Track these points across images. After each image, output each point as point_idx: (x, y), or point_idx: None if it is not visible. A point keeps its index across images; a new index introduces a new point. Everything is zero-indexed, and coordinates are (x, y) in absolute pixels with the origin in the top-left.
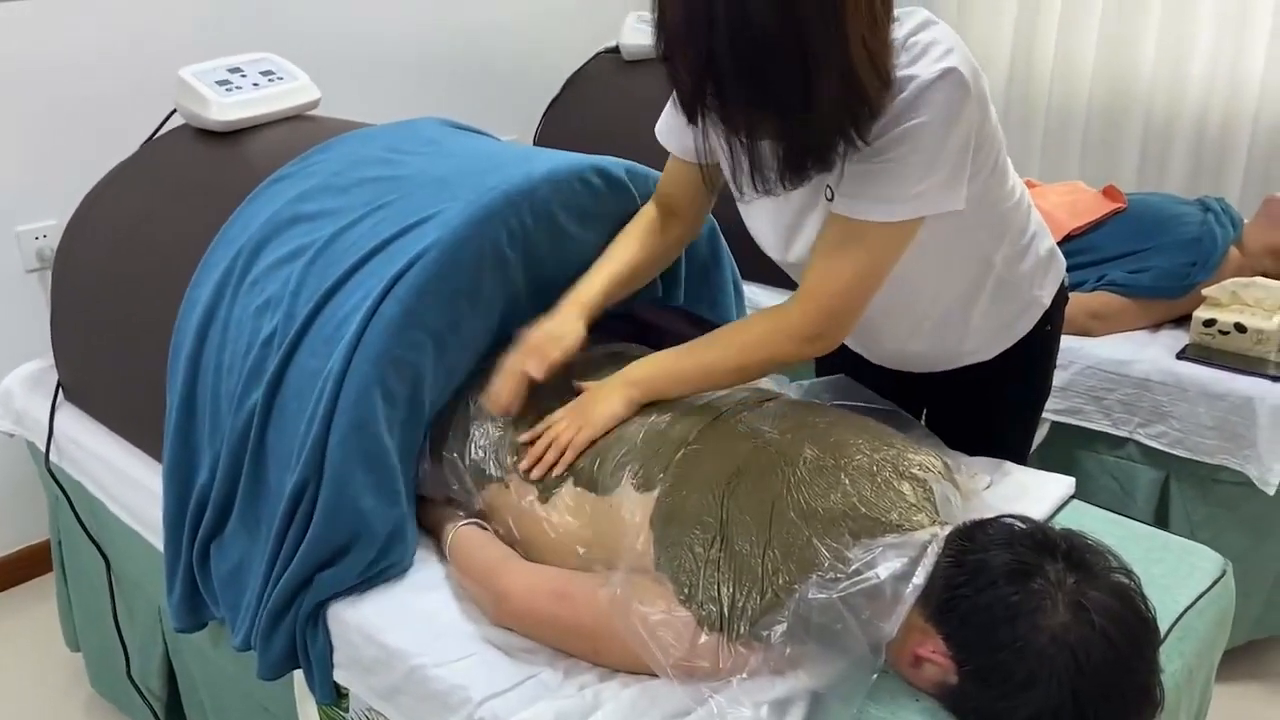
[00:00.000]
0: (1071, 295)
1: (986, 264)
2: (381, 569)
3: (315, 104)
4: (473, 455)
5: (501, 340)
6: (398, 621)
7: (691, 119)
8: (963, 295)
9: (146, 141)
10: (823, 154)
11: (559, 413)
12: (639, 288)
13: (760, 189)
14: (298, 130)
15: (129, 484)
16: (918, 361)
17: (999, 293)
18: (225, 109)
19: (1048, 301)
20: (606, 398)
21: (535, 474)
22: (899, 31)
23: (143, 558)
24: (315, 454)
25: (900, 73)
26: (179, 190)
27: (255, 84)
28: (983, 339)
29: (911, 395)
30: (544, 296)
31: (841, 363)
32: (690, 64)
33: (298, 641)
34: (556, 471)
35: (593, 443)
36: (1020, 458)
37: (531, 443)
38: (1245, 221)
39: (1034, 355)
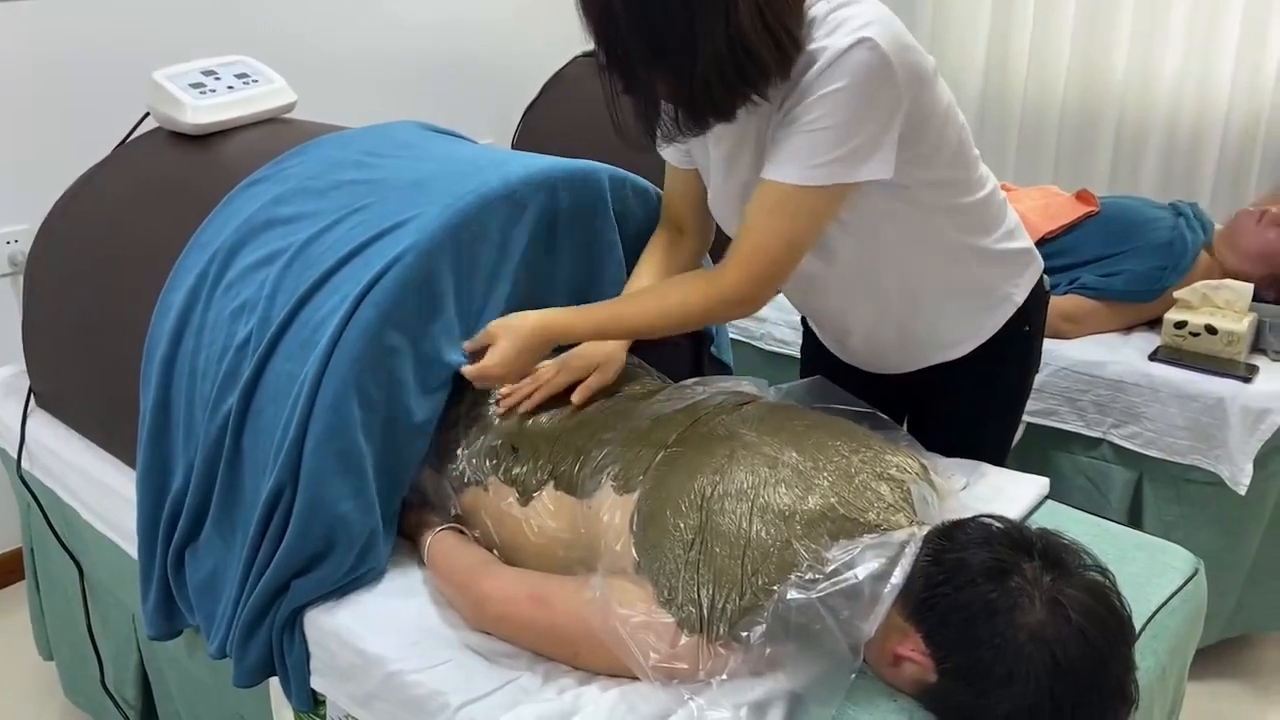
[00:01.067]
0: None
1: (952, 253)
2: (359, 574)
3: (291, 107)
4: (450, 460)
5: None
6: (375, 627)
7: (610, 84)
8: (928, 284)
9: (120, 145)
10: (718, 108)
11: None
12: None
13: (664, 139)
14: (273, 133)
15: (102, 491)
16: (890, 358)
17: (968, 286)
18: (199, 112)
19: (1020, 299)
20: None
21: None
22: (820, 7)
23: (116, 565)
24: (291, 459)
25: (816, 44)
26: (152, 194)
27: (230, 87)
28: (952, 334)
29: (891, 400)
30: (528, 302)
31: (822, 369)
32: (594, 24)
33: (274, 648)
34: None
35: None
36: (998, 460)
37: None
38: (1216, 226)
39: (1010, 355)
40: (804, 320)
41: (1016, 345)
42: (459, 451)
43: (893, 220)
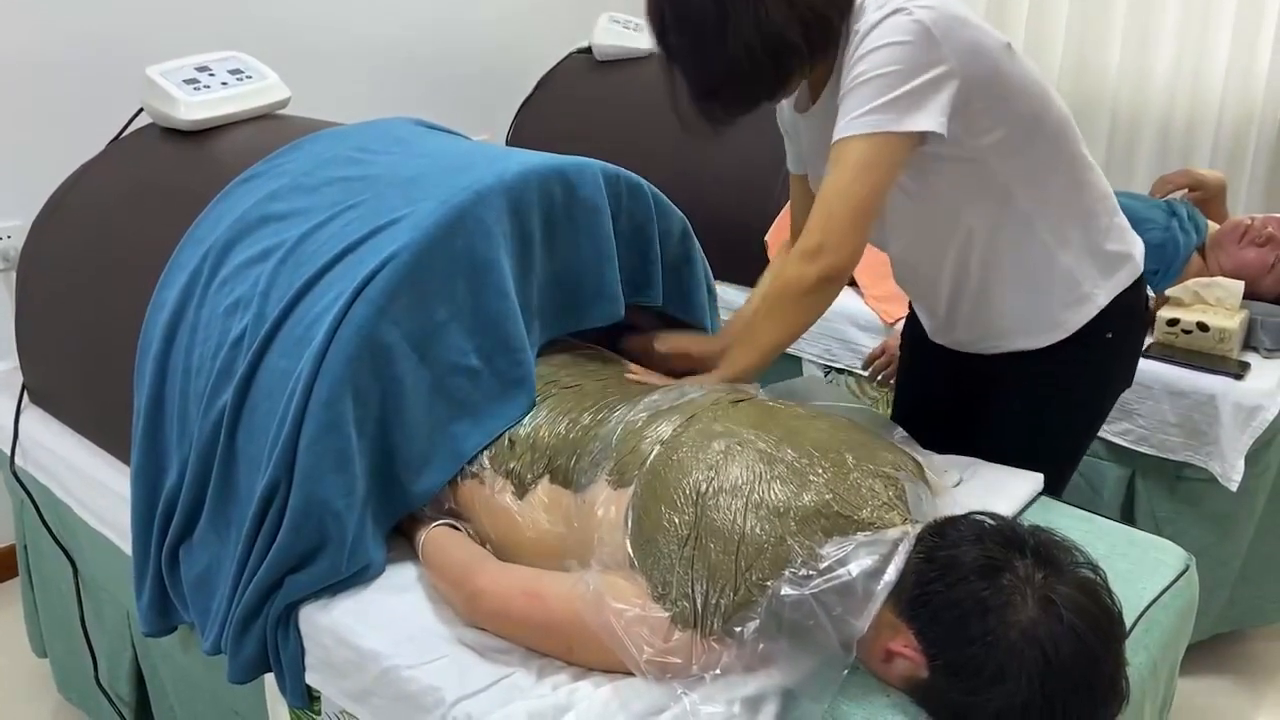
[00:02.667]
0: None
1: (1031, 237)
2: (354, 571)
3: (285, 103)
4: None
5: (497, 340)
6: (370, 623)
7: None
8: (1003, 262)
9: (113, 141)
10: (756, 89)
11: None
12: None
13: (718, 123)
14: (267, 130)
15: (96, 487)
16: (968, 335)
17: (1046, 275)
18: (193, 108)
19: (1103, 302)
20: (701, 377)
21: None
22: None
23: (110, 562)
24: (286, 455)
25: (859, 23)
26: (146, 190)
27: (224, 83)
28: (1026, 321)
29: (970, 385)
30: (524, 298)
31: (917, 346)
32: (649, 21)
33: (269, 644)
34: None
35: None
36: (1063, 468)
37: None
38: (1209, 225)
39: (1087, 359)
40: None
41: (1095, 350)
42: None
43: (969, 194)
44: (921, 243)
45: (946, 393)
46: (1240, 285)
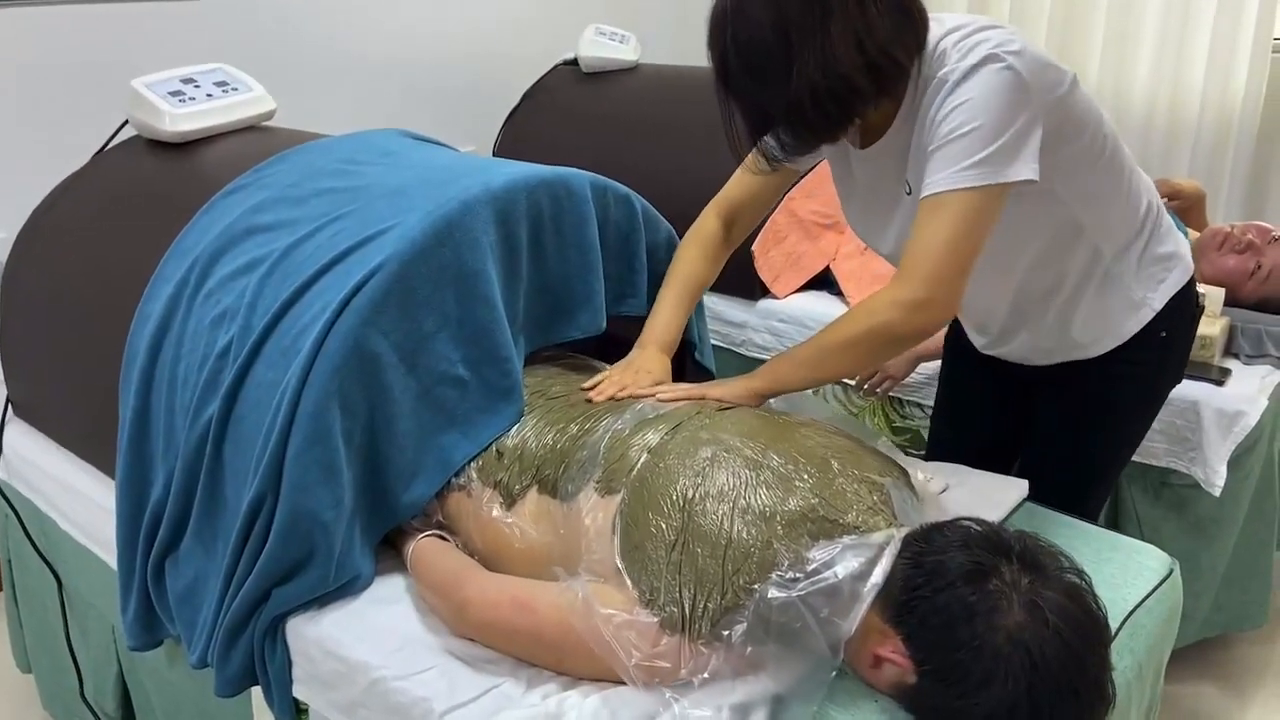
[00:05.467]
0: None
1: (1093, 258)
2: (341, 583)
3: (270, 115)
4: None
5: (485, 350)
6: (358, 635)
7: (726, 110)
8: (1065, 285)
9: (98, 153)
10: (817, 131)
11: (677, 386)
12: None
13: (773, 160)
14: (252, 141)
15: (81, 501)
16: (1024, 352)
17: (1105, 290)
18: (178, 120)
19: (1158, 305)
20: (730, 385)
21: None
22: (950, 39)
23: (95, 576)
24: (272, 467)
25: (947, 68)
26: (131, 202)
27: (209, 95)
28: (1085, 335)
29: (1021, 391)
30: (511, 309)
31: (963, 358)
32: (711, 52)
33: (255, 657)
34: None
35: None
36: (1112, 472)
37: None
38: (1190, 234)
39: (1142, 359)
40: None
41: (1150, 350)
42: None
43: (1035, 224)
44: (983, 270)
45: (992, 401)
46: (1221, 292)
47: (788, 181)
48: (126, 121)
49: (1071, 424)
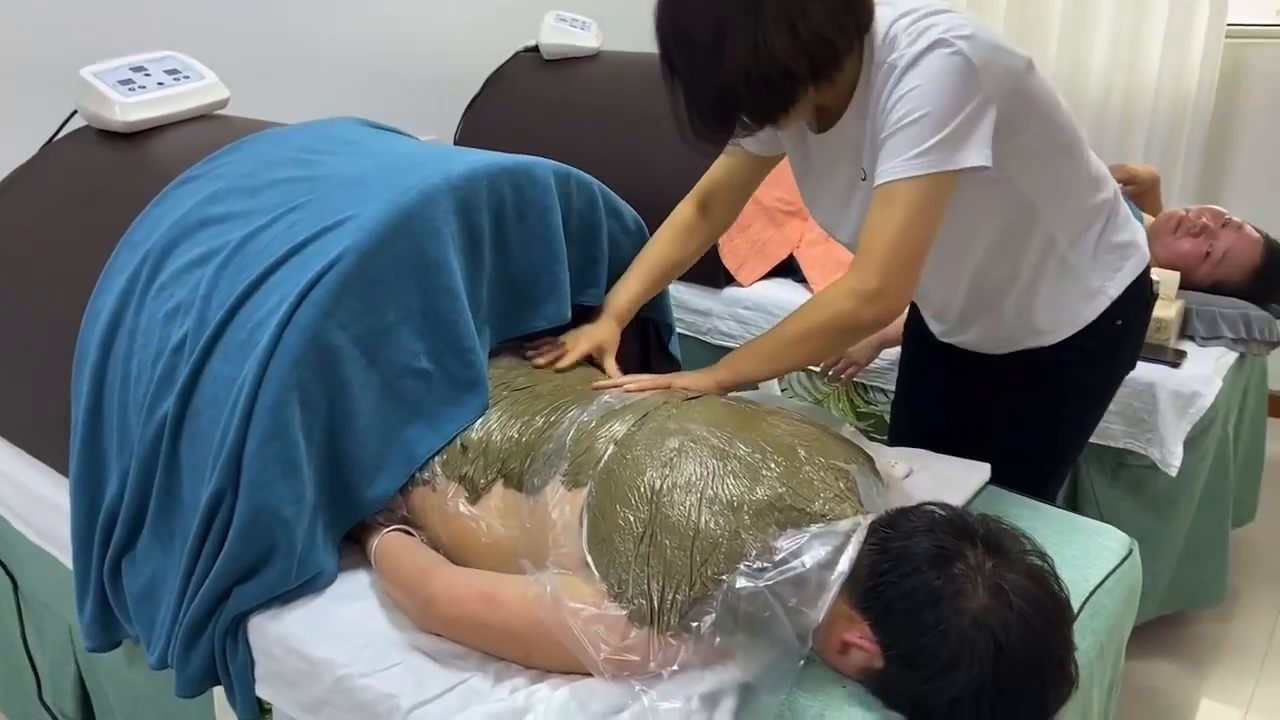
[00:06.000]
0: None
1: (1049, 245)
2: (304, 580)
3: (224, 103)
4: None
5: (448, 342)
6: (322, 632)
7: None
8: (1022, 272)
9: (46, 144)
10: (753, 113)
11: (643, 376)
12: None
13: (713, 141)
14: (205, 130)
15: (34, 500)
16: (981, 340)
17: (1062, 277)
18: (128, 109)
19: (1115, 293)
20: (694, 377)
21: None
22: (900, 24)
23: (51, 576)
24: (231, 463)
25: (896, 54)
26: (81, 194)
27: (160, 83)
28: (1043, 322)
29: (981, 380)
30: (474, 298)
31: (922, 346)
32: (656, 33)
33: (216, 657)
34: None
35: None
36: (1072, 455)
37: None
38: (1145, 218)
39: (1098, 347)
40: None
41: (1106, 337)
42: None
43: (989, 211)
44: (939, 257)
45: (949, 387)
46: (1176, 276)
47: (761, 166)
48: (75, 111)
49: (1028, 411)
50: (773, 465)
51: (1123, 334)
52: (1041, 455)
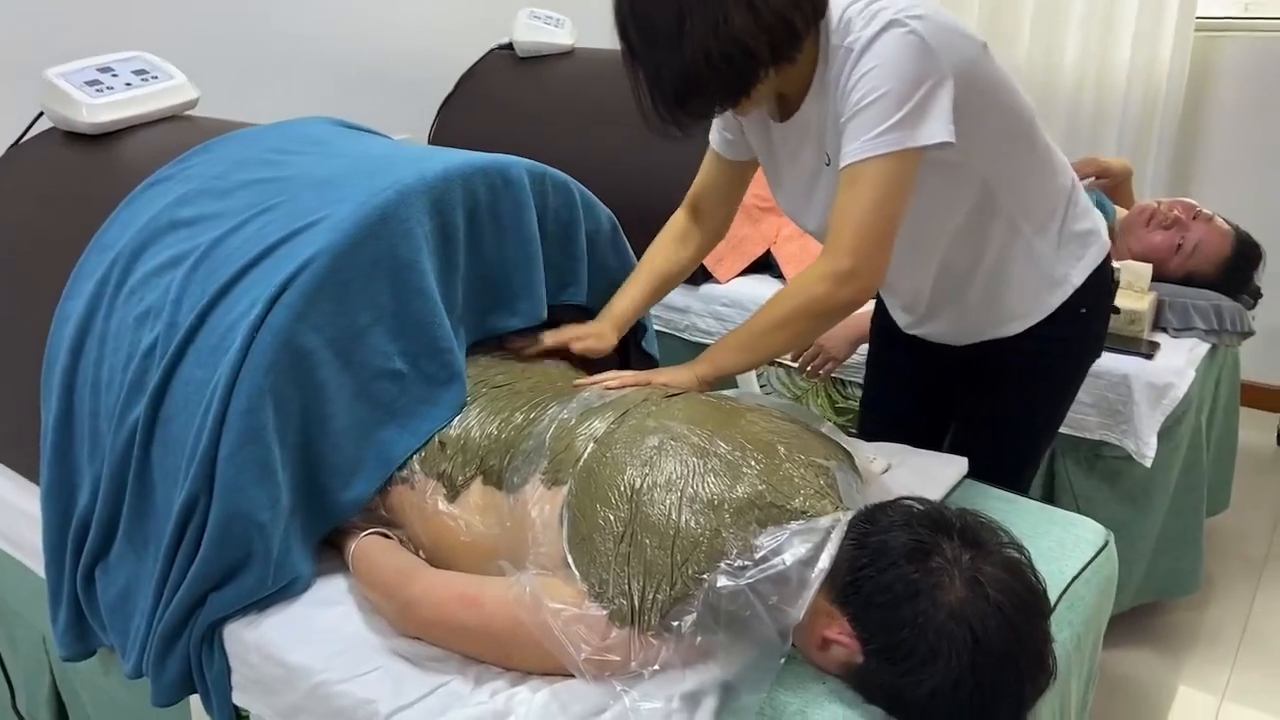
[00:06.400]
0: None
1: (1012, 231)
2: (280, 585)
3: (193, 104)
4: None
5: (423, 343)
6: (299, 638)
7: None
8: (986, 259)
9: (12, 147)
10: (712, 96)
11: (623, 373)
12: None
13: (669, 120)
14: (174, 131)
15: (4, 509)
16: (948, 330)
17: (1026, 265)
18: (96, 110)
19: (1079, 281)
20: (674, 373)
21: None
22: (854, 8)
23: (23, 585)
24: (204, 468)
25: (852, 37)
26: (47, 198)
27: (128, 84)
28: (1008, 310)
29: (948, 374)
30: (448, 299)
31: (888, 340)
32: (615, 15)
33: (193, 664)
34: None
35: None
36: (1042, 446)
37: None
38: (1117, 210)
39: (1064, 335)
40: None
41: (1071, 326)
42: None
43: (952, 198)
44: (906, 248)
45: (918, 381)
46: (1148, 268)
47: (738, 171)
48: (42, 114)
49: (997, 402)
50: (753, 463)
51: (1088, 322)
52: (1013, 446)
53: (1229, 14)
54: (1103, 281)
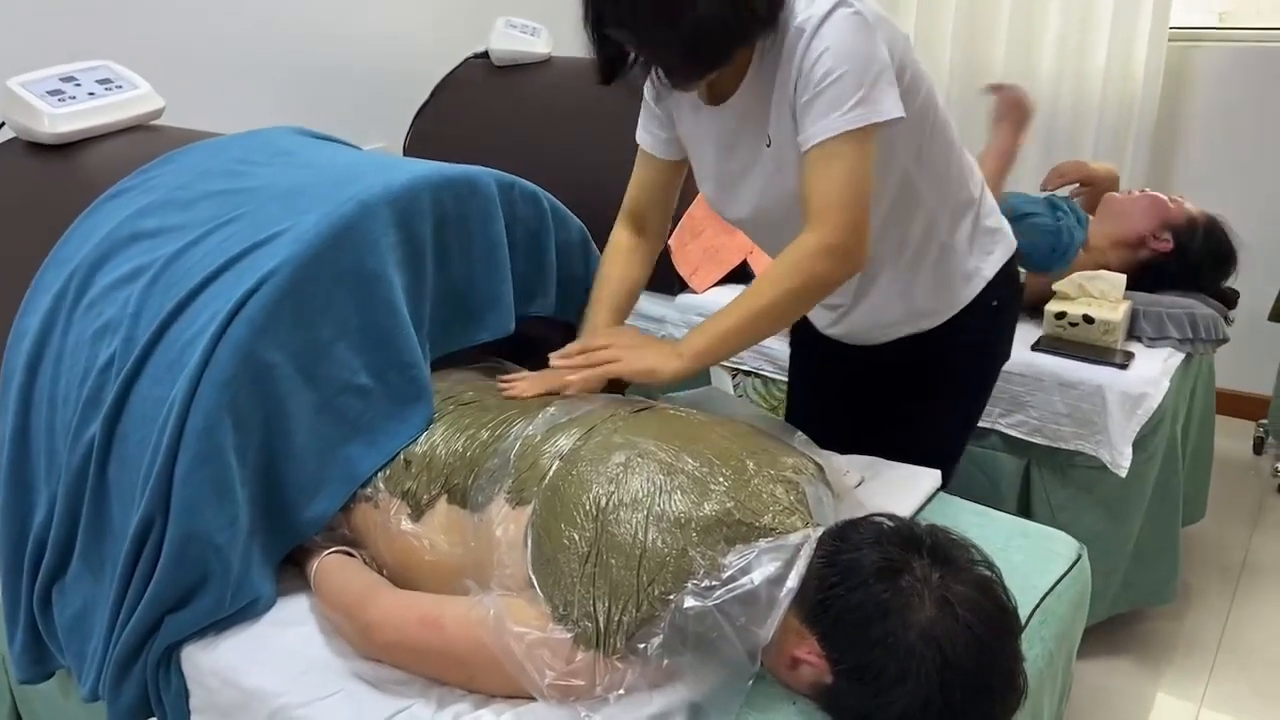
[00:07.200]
0: None
1: (929, 225)
2: (239, 607)
3: (158, 114)
4: None
5: (389, 357)
6: (257, 661)
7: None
8: (903, 253)
9: None
10: (715, 57)
11: (610, 332)
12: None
13: (669, 86)
14: (138, 142)
15: None
16: (863, 328)
17: (939, 258)
18: (58, 120)
19: (990, 274)
20: (655, 346)
21: (559, 363)
22: None
23: None
24: (160, 487)
25: (800, 18)
26: (7, 209)
27: (91, 93)
28: (922, 304)
29: (868, 376)
30: (416, 313)
31: (806, 343)
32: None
33: (150, 688)
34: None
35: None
36: (960, 442)
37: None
38: (1090, 218)
39: (976, 328)
40: None
41: (983, 318)
42: None
43: (879, 186)
44: None
45: (837, 386)
46: (1122, 278)
47: (674, 171)
48: (3, 124)
49: (915, 401)
50: (721, 479)
51: (999, 314)
52: (934, 444)
53: (1201, 24)
54: (1012, 278)
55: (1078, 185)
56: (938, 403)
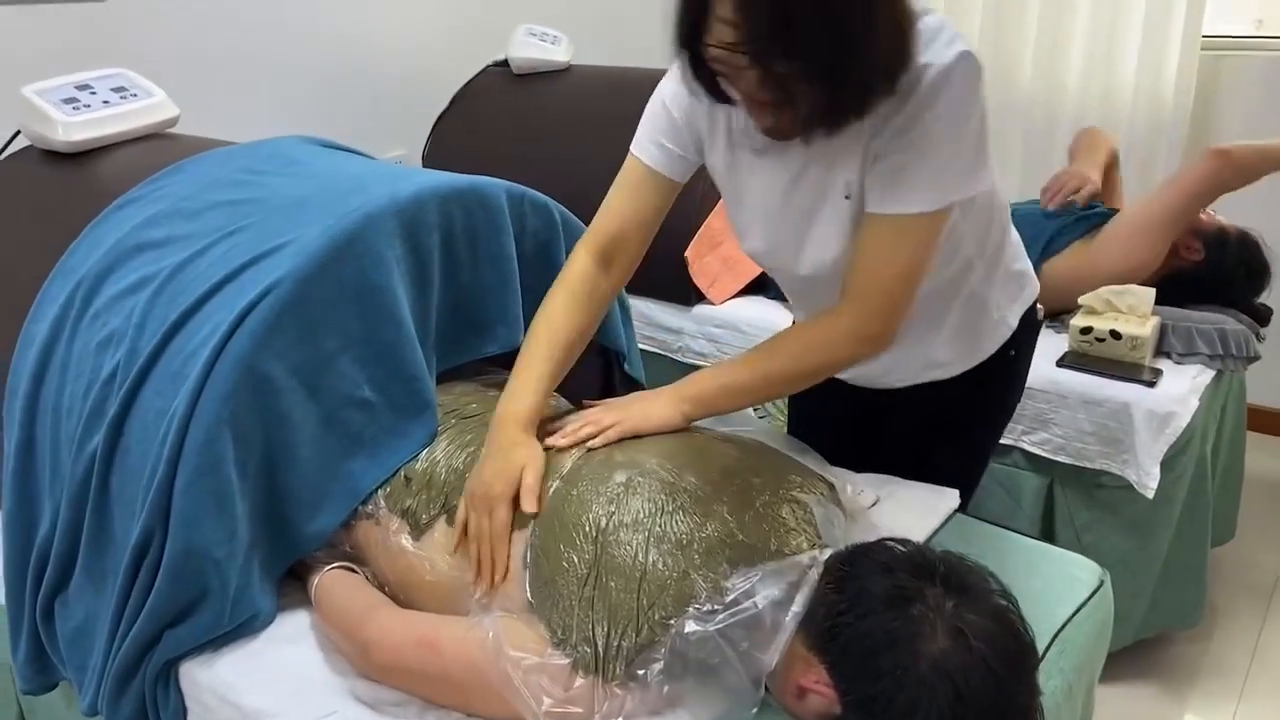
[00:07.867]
0: None
1: (962, 271)
2: (238, 623)
3: (173, 122)
4: None
5: (392, 370)
6: (255, 679)
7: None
8: (931, 300)
9: None
10: (859, 110)
11: (596, 407)
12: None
13: (794, 134)
14: (152, 151)
15: None
16: (879, 373)
17: (966, 306)
18: (72, 129)
19: (1014, 323)
20: (654, 399)
21: (560, 442)
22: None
23: None
24: (160, 500)
25: (922, 58)
26: (21, 217)
27: (106, 101)
28: (944, 354)
29: (874, 415)
30: (423, 325)
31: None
32: (749, 27)
33: (148, 704)
34: (594, 440)
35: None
36: (973, 481)
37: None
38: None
39: (993, 379)
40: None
41: (1001, 369)
42: None
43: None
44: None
45: (838, 428)
46: (1151, 293)
47: (672, 191)
48: (19, 132)
49: (924, 444)
50: (725, 499)
51: (1015, 364)
52: (941, 483)
53: (1237, 33)
54: (1032, 323)
55: (1091, 197)
56: (944, 450)
